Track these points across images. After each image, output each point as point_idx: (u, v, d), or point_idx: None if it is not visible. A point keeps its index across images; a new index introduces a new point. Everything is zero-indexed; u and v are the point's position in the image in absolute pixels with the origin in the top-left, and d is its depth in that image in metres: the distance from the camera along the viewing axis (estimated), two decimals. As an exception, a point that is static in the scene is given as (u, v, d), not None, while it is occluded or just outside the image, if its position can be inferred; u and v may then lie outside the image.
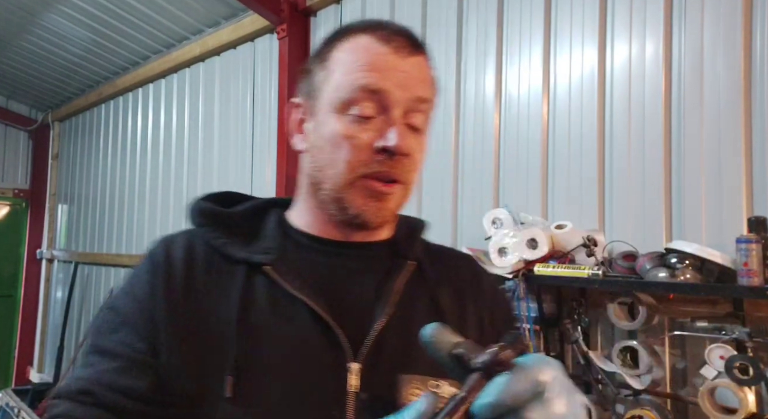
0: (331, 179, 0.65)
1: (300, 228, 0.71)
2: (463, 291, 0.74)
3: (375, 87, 0.63)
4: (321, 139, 0.66)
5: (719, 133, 1.72)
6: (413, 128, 0.65)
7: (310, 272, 0.67)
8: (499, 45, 2.30)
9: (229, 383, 0.58)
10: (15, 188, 5.99)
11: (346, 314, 0.63)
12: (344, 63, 0.65)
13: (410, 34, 0.67)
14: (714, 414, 1.52)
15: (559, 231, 1.89)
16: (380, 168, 0.63)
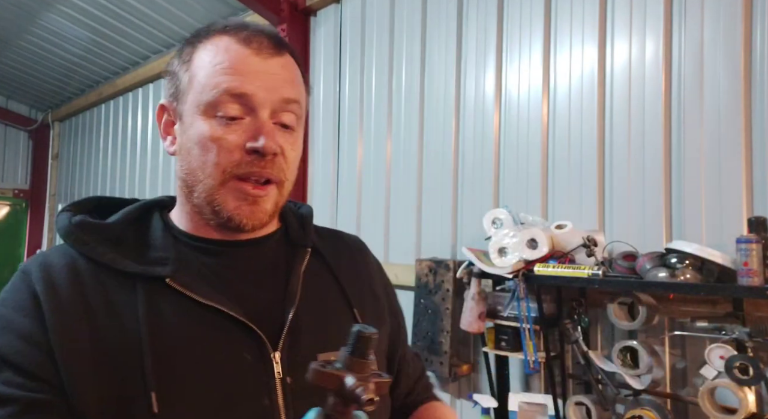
0: (202, 182, 0.65)
1: (187, 231, 0.70)
2: (357, 268, 0.81)
3: (239, 91, 0.63)
4: (189, 141, 0.66)
5: (719, 133, 1.72)
6: (284, 126, 0.67)
7: (212, 276, 0.66)
8: (499, 45, 2.30)
9: (155, 399, 0.56)
10: (15, 188, 5.99)
11: (258, 309, 0.65)
12: (206, 65, 0.65)
13: (272, 34, 0.68)
14: (714, 414, 1.52)
15: (559, 231, 1.89)
16: (251, 169, 0.64)
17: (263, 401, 0.62)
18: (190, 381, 0.60)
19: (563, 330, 1.85)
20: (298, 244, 0.75)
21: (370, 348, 0.49)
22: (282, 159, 0.66)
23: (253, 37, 0.66)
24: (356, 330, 0.49)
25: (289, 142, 0.68)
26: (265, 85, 0.64)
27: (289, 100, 0.67)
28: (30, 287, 0.60)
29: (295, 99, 0.68)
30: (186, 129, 0.66)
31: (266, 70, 0.65)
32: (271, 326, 0.65)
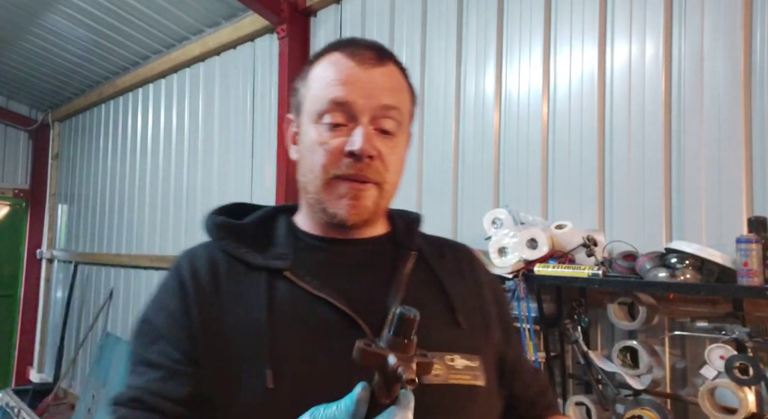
0: (311, 183, 0.73)
1: (307, 231, 0.79)
2: (463, 276, 0.81)
3: (341, 99, 0.71)
4: (303, 147, 0.75)
5: (719, 133, 1.72)
6: (383, 132, 0.72)
7: (325, 271, 0.74)
8: (499, 45, 2.30)
9: (270, 375, 0.64)
10: (15, 188, 5.99)
11: (363, 304, 0.70)
12: (318, 79, 0.74)
13: (376, 47, 0.76)
14: (714, 414, 1.52)
15: (559, 231, 1.89)
16: (348, 170, 0.70)
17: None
18: (302, 362, 0.66)
19: (563, 330, 1.85)
20: (404, 246, 0.79)
21: (412, 329, 0.50)
22: (380, 162, 0.71)
23: (357, 51, 0.73)
24: (399, 311, 0.50)
25: (388, 146, 0.72)
26: (365, 94, 0.71)
27: (388, 107, 0.72)
28: (180, 275, 0.73)
29: (393, 106, 0.72)
30: (302, 137, 0.76)
31: (367, 79, 0.72)
32: (373, 320, 0.69)
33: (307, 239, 0.78)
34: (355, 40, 0.76)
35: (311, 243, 0.77)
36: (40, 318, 5.81)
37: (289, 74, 3.01)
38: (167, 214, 4.11)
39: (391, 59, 0.76)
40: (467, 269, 0.83)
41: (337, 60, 0.73)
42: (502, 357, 0.81)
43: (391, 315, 0.51)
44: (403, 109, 0.74)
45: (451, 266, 0.82)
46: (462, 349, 0.71)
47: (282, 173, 3.01)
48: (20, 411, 4.20)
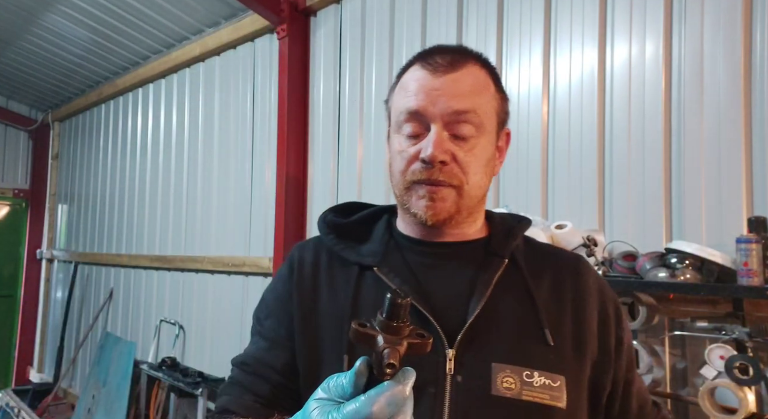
0: (396, 187, 0.78)
1: (402, 231, 0.83)
2: (563, 288, 0.78)
3: (413, 109, 0.74)
4: (390, 155, 0.80)
5: (719, 133, 1.72)
6: (459, 137, 0.73)
7: (409, 271, 0.78)
8: (499, 45, 2.30)
9: (346, 361, 0.69)
10: (15, 188, 5.99)
11: (442, 307, 0.73)
12: (399, 91, 0.78)
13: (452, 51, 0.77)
14: (714, 414, 1.52)
15: (559, 231, 1.89)
16: (421, 176, 0.73)
17: (430, 389, 0.68)
18: None
19: (563, 330, 1.84)
20: (496, 253, 0.79)
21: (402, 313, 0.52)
22: (455, 166, 0.73)
23: (433, 59, 0.75)
24: (389, 296, 0.51)
25: (464, 149, 0.73)
26: (434, 101, 0.73)
27: (459, 111, 0.72)
28: (291, 263, 0.84)
29: (465, 110, 0.73)
30: (390, 145, 0.81)
31: (437, 87, 0.73)
32: (451, 324, 0.71)
33: (400, 239, 0.82)
34: (436, 47, 0.78)
35: (403, 244, 0.81)
36: (40, 318, 5.81)
37: (289, 74, 3.01)
38: (167, 214, 4.10)
39: (468, 61, 0.76)
40: (570, 283, 0.79)
41: (415, 72, 0.76)
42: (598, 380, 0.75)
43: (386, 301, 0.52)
44: (481, 110, 0.74)
45: (551, 278, 0.79)
46: (543, 366, 0.69)
47: (282, 173, 3.01)
48: (20, 411, 4.21)
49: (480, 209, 0.82)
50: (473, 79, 0.75)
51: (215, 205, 3.65)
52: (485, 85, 0.76)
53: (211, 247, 3.66)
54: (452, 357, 0.69)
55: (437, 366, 0.69)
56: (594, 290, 0.79)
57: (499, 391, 0.66)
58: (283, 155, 3.01)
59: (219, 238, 3.61)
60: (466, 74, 0.75)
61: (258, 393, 0.75)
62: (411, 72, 0.77)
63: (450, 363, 0.69)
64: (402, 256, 0.80)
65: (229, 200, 3.54)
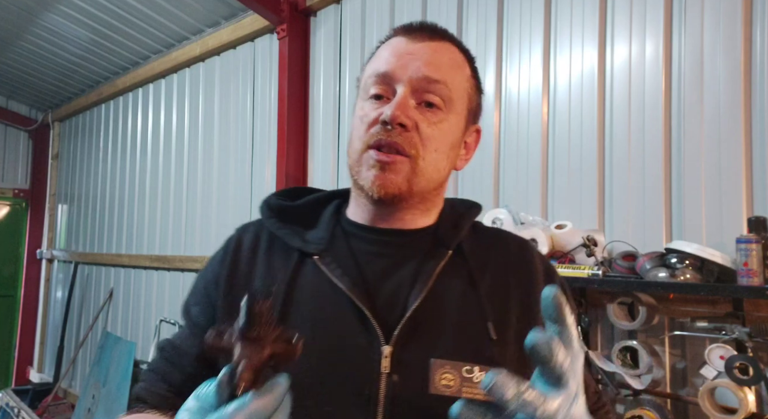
0: (351, 157, 0.72)
1: (349, 217, 0.78)
2: (508, 277, 0.74)
3: (382, 70, 0.69)
4: (351, 125, 0.75)
5: (719, 133, 1.72)
6: (427, 105, 0.69)
7: (353, 261, 0.72)
8: (499, 45, 2.30)
9: None
10: (15, 188, 5.99)
11: (382, 301, 0.68)
12: (373, 60, 0.74)
13: (434, 26, 0.73)
14: (714, 414, 1.52)
15: (559, 231, 1.89)
16: (378, 136, 0.67)
17: (364, 390, 0.63)
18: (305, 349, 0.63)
19: (563, 330, 1.84)
20: (441, 243, 0.74)
21: (262, 319, 0.46)
22: (415, 134, 0.68)
23: (414, 28, 0.72)
24: (245, 301, 0.46)
25: (430, 120, 0.68)
26: (405, 64, 0.68)
27: (431, 79, 0.68)
28: (227, 246, 0.78)
29: (437, 79, 0.68)
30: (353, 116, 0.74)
31: (413, 51, 0.69)
32: (389, 319, 0.66)
33: (347, 226, 0.76)
34: (419, 21, 0.74)
35: (350, 230, 0.76)
36: (40, 318, 5.81)
37: (289, 74, 3.01)
38: (167, 214, 4.10)
39: (449, 39, 0.73)
40: (516, 268, 0.75)
41: (394, 40, 0.72)
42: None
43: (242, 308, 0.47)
44: (452, 86, 0.69)
45: (497, 265, 0.74)
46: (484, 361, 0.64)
47: (282, 172, 3.01)
48: (20, 411, 4.20)
49: (435, 199, 0.76)
50: (450, 54, 0.72)
51: (215, 205, 3.65)
52: (461, 65, 0.72)
53: (211, 247, 3.66)
54: (388, 355, 0.64)
55: (371, 365, 0.64)
56: (541, 273, 0.76)
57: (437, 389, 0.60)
58: (283, 154, 3.01)
59: (219, 238, 3.59)
60: (443, 47, 0.71)
61: (171, 382, 0.72)
62: (388, 42, 0.73)
63: (386, 360, 0.64)
64: (348, 244, 0.74)
65: (229, 199, 3.54)
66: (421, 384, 0.60)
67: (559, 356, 0.47)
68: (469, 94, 0.73)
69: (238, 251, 0.76)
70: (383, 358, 0.64)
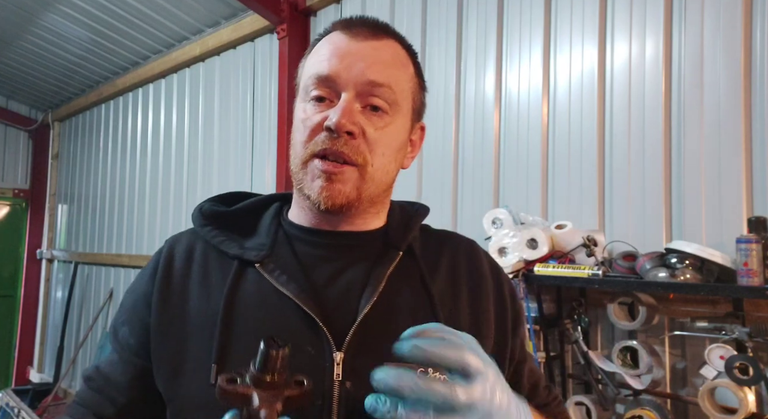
0: (293, 163, 0.68)
1: (293, 221, 0.73)
2: (459, 278, 0.73)
3: (324, 74, 0.65)
4: (293, 128, 0.70)
5: (719, 133, 1.72)
6: (373, 109, 0.66)
7: (298, 266, 0.68)
8: (499, 45, 2.30)
9: (214, 370, 0.60)
10: (15, 188, 5.99)
11: (332, 306, 0.65)
12: (312, 57, 0.70)
13: (374, 22, 0.69)
14: (714, 414, 1.52)
15: (559, 231, 1.89)
16: (324, 145, 0.64)
17: (316, 400, 0.60)
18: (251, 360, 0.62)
19: (563, 329, 1.85)
20: (392, 245, 0.72)
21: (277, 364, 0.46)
22: (362, 141, 0.65)
23: (354, 25, 0.68)
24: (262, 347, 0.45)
25: (376, 125, 0.66)
26: (348, 66, 0.65)
27: (375, 83, 0.65)
28: (157, 260, 0.72)
29: (382, 83, 0.65)
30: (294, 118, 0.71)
31: (356, 52, 0.66)
32: (340, 325, 0.63)
33: (290, 230, 0.72)
34: (357, 17, 0.71)
35: (293, 234, 0.72)
36: (40, 318, 5.81)
37: (289, 74, 3.01)
38: (167, 214, 4.10)
39: (391, 36, 0.70)
40: (465, 268, 0.75)
41: (333, 36, 0.69)
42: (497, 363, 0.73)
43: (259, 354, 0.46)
44: (397, 88, 0.67)
45: (446, 266, 0.74)
46: None
47: (282, 172, 3.01)
48: (20, 411, 4.20)
49: (384, 201, 0.74)
50: (393, 53, 0.68)
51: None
52: (405, 64, 0.70)
53: (211, 247, 3.65)
54: (340, 361, 0.61)
55: (323, 374, 0.61)
56: (488, 273, 0.76)
57: None
58: (283, 154, 3.00)
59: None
60: (386, 46, 0.68)
61: (102, 416, 0.67)
62: (327, 38, 0.69)
63: (338, 368, 0.61)
64: (291, 248, 0.70)
65: (229, 200, 3.54)
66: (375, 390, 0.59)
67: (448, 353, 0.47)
68: (413, 93, 0.71)
69: (170, 264, 0.70)
70: (335, 365, 0.61)
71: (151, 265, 0.72)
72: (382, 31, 0.69)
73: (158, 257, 0.72)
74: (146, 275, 0.72)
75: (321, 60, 0.67)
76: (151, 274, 0.71)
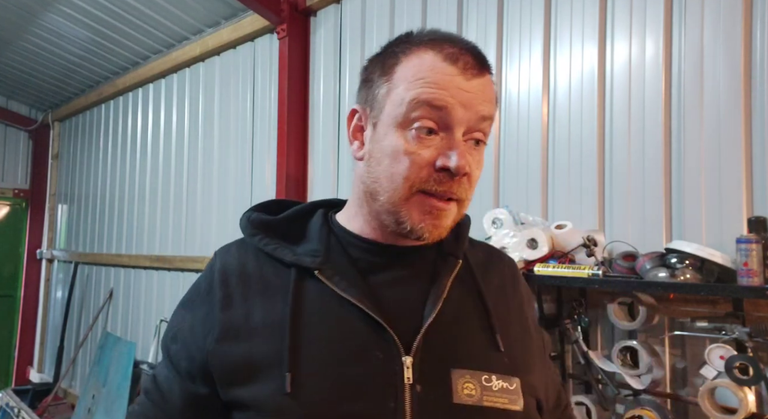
0: (388, 193, 0.66)
1: (346, 227, 0.74)
2: (505, 289, 0.77)
3: (439, 103, 0.62)
4: (380, 152, 0.67)
5: (719, 133, 1.72)
6: (476, 142, 0.67)
7: (356, 272, 0.69)
8: (499, 45, 2.30)
9: (289, 379, 0.61)
10: (15, 188, 5.99)
11: (396, 311, 0.66)
12: (408, 78, 0.65)
13: (477, 52, 0.67)
14: (714, 414, 1.52)
15: (559, 231, 1.89)
16: (439, 187, 0.64)
17: (388, 402, 0.61)
18: (322, 367, 0.62)
19: (563, 330, 1.84)
20: (449, 254, 0.74)
21: None
22: (468, 178, 0.66)
23: (459, 56, 0.65)
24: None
25: (476, 160, 0.67)
26: (465, 103, 0.64)
27: (485, 117, 0.66)
28: (211, 276, 0.72)
29: (490, 116, 0.67)
30: (379, 139, 0.67)
31: (469, 89, 0.64)
32: (406, 329, 0.65)
33: (344, 236, 0.73)
34: (449, 37, 0.67)
35: (348, 241, 0.73)
36: (40, 318, 5.81)
37: (289, 74, 3.01)
38: (167, 214, 4.10)
39: (490, 68, 0.69)
40: (511, 285, 0.78)
41: (434, 63, 0.64)
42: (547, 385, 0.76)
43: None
44: (493, 119, 0.68)
45: (496, 280, 0.77)
46: (500, 369, 0.67)
47: (282, 173, 3.01)
48: (20, 411, 4.20)
49: None
50: (492, 87, 0.69)
51: (215, 205, 3.65)
52: (496, 96, 0.70)
53: (211, 247, 3.65)
54: (410, 365, 0.63)
55: (395, 377, 0.62)
56: (526, 293, 0.81)
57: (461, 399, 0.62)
58: (283, 154, 3.00)
59: (219, 238, 3.60)
60: (489, 81, 0.68)
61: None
62: (427, 61, 0.65)
63: (408, 371, 0.63)
64: (346, 254, 0.71)
65: (229, 199, 3.54)
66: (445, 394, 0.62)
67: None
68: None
69: (226, 279, 0.70)
70: (405, 369, 0.63)
71: (205, 282, 0.72)
72: (485, 66, 0.67)
73: (210, 273, 0.72)
74: (201, 294, 0.72)
75: (431, 87, 0.63)
76: (205, 293, 0.71)
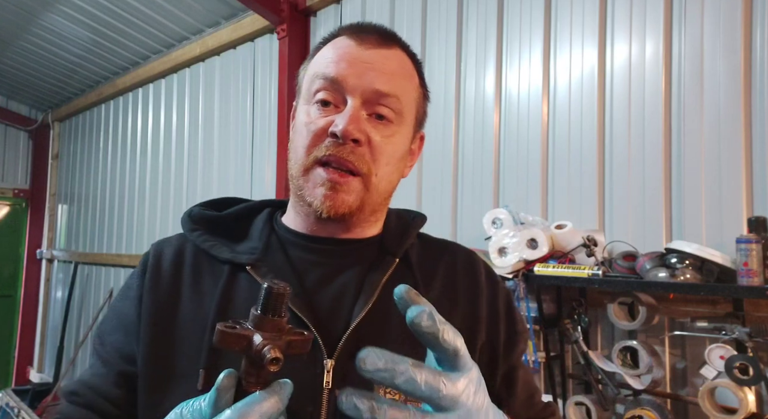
0: (293, 167, 0.67)
1: (288, 226, 0.72)
2: (456, 288, 0.72)
3: (332, 74, 0.64)
4: (293, 131, 0.69)
5: (719, 133, 1.72)
6: (378, 117, 0.65)
7: (291, 270, 0.67)
8: (499, 45, 2.30)
9: (202, 376, 0.59)
10: (15, 188, 5.99)
11: (325, 312, 0.64)
12: (317, 59, 0.69)
13: (383, 29, 0.69)
14: (714, 414, 1.52)
15: (559, 231, 1.89)
16: (327, 152, 0.63)
17: (307, 407, 0.59)
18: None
19: (563, 330, 1.85)
20: (388, 252, 0.71)
21: (281, 305, 0.44)
22: (367, 149, 0.64)
23: (363, 32, 0.67)
24: (266, 285, 0.44)
25: (382, 133, 0.65)
26: (358, 73, 0.64)
27: (382, 93, 0.64)
28: (145, 264, 0.70)
29: (389, 93, 0.65)
30: (295, 120, 0.69)
31: (365, 59, 0.65)
32: (333, 331, 0.62)
33: (284, 235, 0.71)
34: (365, 23, 0.70)
35: (287, 239, 0.71)
36: (40, 318, 5.81)
37: (289, 74, 3.01)
38: (167, 214, 4.10)
39: (398, 44, 0.69)
40: (462, 280, 0.73)
41: (341, 42, 0.68)
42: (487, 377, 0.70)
43: (262, 293, 0.44)
44: (404, 98, 0.67)
45: (443, 275, 0.73)
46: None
47: (282, 173, 3.01)
48: (20, 411, 4.20)
49: (383, 209, 0.73)
50: (400, 62, 0.68)
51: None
52: (411, 74, 0.70)
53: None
54: (330, 369, 0.60)
55: (314, 380, 0.60)
56: (485, 286, 0.74)
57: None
58: (283, 154, 3.00)
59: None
60: (395, 55, 0.68)
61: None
62: (334, 42, 0.68)
63: (328, 375, 0.60)
64: (284, 253, 0.69)
65: (229, 200, 3.54)
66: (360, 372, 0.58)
67: (448, 333, 0.43)
68: (417, 103, 0.71)
69: (159, 267, 0.68)
70: (326, 372, 0.60)
71: (137, 271, 0.70)
72: (390, 39, 0.68)
73: (145, 261, 0.70)
74: (133, 282, 0.69)
75: (328, 63, 0.65)
76: (138, 280, 0.68)
